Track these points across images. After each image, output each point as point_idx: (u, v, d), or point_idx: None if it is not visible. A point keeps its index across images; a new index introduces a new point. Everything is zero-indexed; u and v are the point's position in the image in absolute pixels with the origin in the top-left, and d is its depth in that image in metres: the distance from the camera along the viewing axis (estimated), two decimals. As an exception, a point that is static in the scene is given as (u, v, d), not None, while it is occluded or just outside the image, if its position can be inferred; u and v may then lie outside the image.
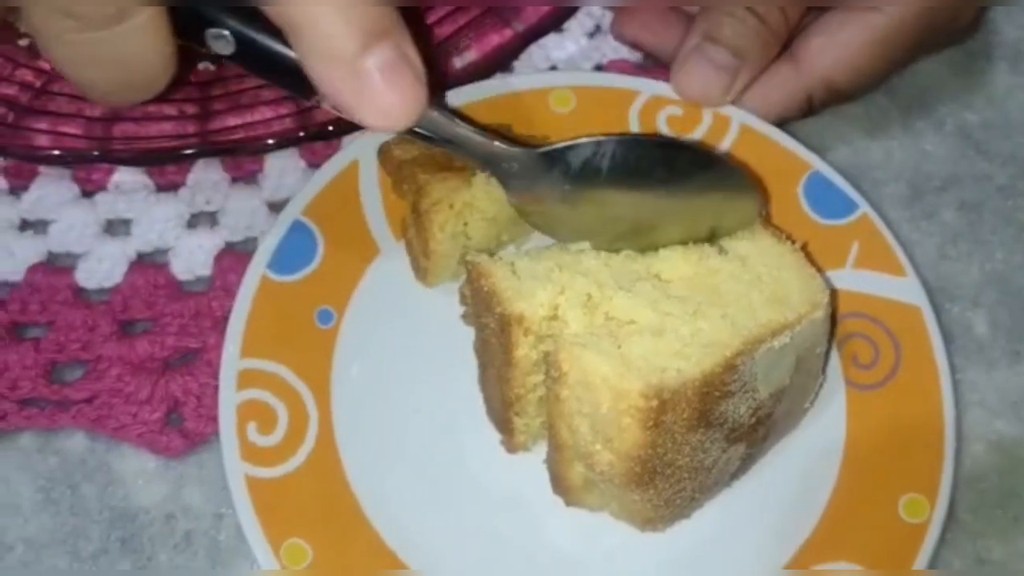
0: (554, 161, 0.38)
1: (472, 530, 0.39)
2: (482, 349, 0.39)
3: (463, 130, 0.37)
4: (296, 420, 0.40)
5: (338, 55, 0.31)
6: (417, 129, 0.36)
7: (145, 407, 0.41)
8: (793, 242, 0.40)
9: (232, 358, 0.40)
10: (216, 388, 0.40)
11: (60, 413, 0.42)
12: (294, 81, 0.34)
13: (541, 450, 0.39)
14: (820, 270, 0.40)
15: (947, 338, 0.44)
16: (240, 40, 0.34)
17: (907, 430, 0.40)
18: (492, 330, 0.37)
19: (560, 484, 0.38)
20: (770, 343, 0.36)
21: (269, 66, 0.34)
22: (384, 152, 0.43)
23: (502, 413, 0.38)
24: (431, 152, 0.41)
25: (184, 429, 0.41)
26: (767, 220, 0.42)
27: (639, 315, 0.36)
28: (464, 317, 0.41)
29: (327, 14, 0.31)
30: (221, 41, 0.34)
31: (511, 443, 0.40)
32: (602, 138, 0.39)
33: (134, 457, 0.41)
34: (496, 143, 0.38)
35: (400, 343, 0.42)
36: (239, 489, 0.38)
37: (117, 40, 0.32)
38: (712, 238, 0.40)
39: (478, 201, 0.40)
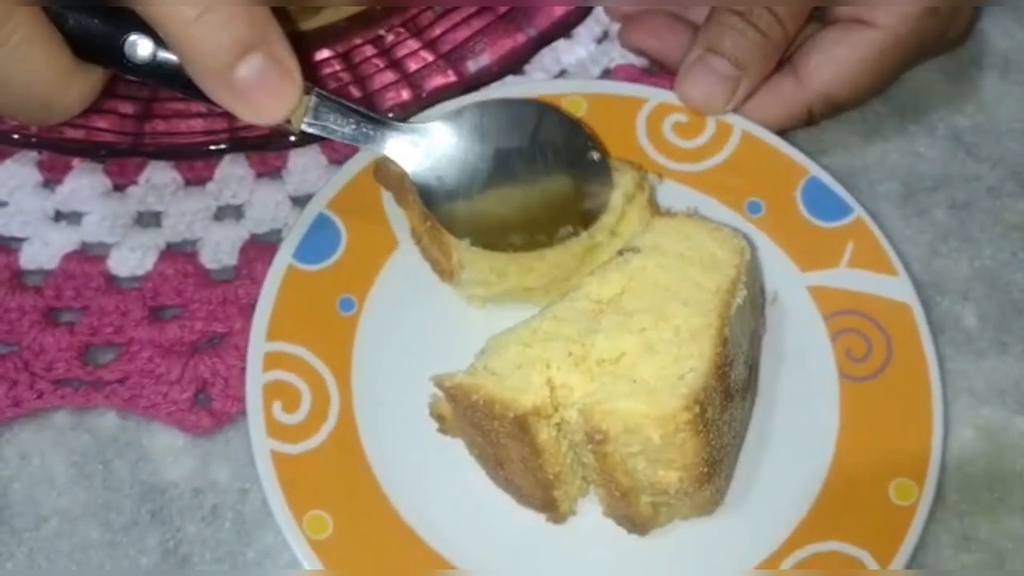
0: (443, 130, 0.41)
1: (484, 504, 0.41)
2: (488, 452, 0.39)
3: (350, 115, 0.40)
4: (319, 400, 0.42)
5: (213, 68, 0.35)
6: (305, 123, 0.39)
7: (175, 387, 0.43)
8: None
9: (259, 340, 0.42)
10: (242, 370, 0.43)
11: (93, 393, 0.44)
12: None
13: (585, 509, 0.40)
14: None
15: (938, 330, 0.46)
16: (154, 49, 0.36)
17: (897, 419, 0.43)
18: (502, 432, 0.37)
19: (634, 522, 0.39)
20: (735, 302, 0.38)
21: (174, 76, 0.37)
22: (379, 170, 0.45)
23: (543, 495, 0.39)
24: None
25: (211, 408, 0.43)
26: (651, 205, 0.44)
27: (624, 345, 0.38)
28: (441, 431, 0.41)
29: (201, 32, 0.34)
30: (138, 47, 0.36)
31: (557, 516, 0.40)
32: (480, 100, 0.43)
33: (164, 434, 0.44)
34: (386, 122, 0.41)
35: (417, 329, 0.44)
36: (265, 463, 0.40)
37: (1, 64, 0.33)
38: (586, 218, 0.42)
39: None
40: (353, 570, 0.38)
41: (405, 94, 0.48)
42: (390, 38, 0.50)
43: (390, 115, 0.48)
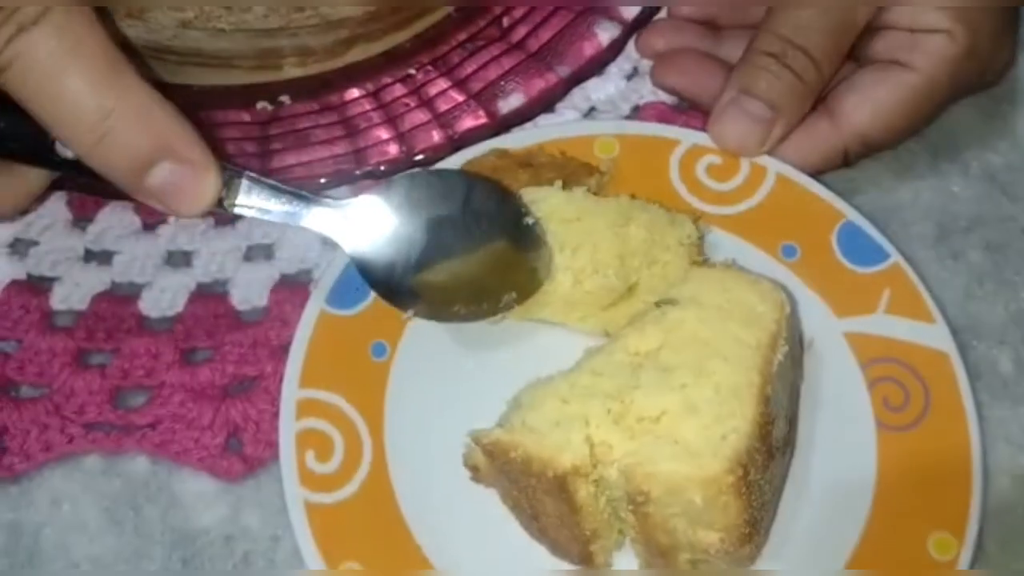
0: (376, 204, 0.41)
1: (517, 556, 0.41)
2: (523, 505, 0.39)
3: (282, 195, 0.40)
4: (351, 448, 0.41)
5: (124, 181, 0.37)
6: (236, 205, 0.39)
7: (206, 432, 0.43)
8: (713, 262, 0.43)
9: (292, 388, 0.42)
10: (273, 414, 0.43)
11: (124, 437, 0.44)
12: None
13: (621, 562, 0.40)
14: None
15: (974, 375, 0.45)
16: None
17: (936, 471, 0.42)
18: (539, 488, 0.37)
19: None
20: (776, 358, 0.38)
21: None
22: None
23: (580, 549, 0.39)
24: None
25: (243, 454, 0.43)
26: (696, 255, 0.43)
27: (665, 403, 0.37)
28: (475, 480, 0.41)
29: (104, 154, 0.35)
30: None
31: (593, 569, 0.39)
32: (409, 173, 0.42)
33: (195, 480, 0.43)
34: (319, 200, 0.40)
35: (450, 374, 0.44)
36: (298, 514, 0.40)
37: None
38: (526, 283, 0.42)
39: None
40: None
41: (436, 135, 0.48)
42: (419, 76, 0.50)
43: (422, 155, 0.48)
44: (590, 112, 0.52)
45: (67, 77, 0.34)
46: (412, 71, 0.50)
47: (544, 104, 0.50)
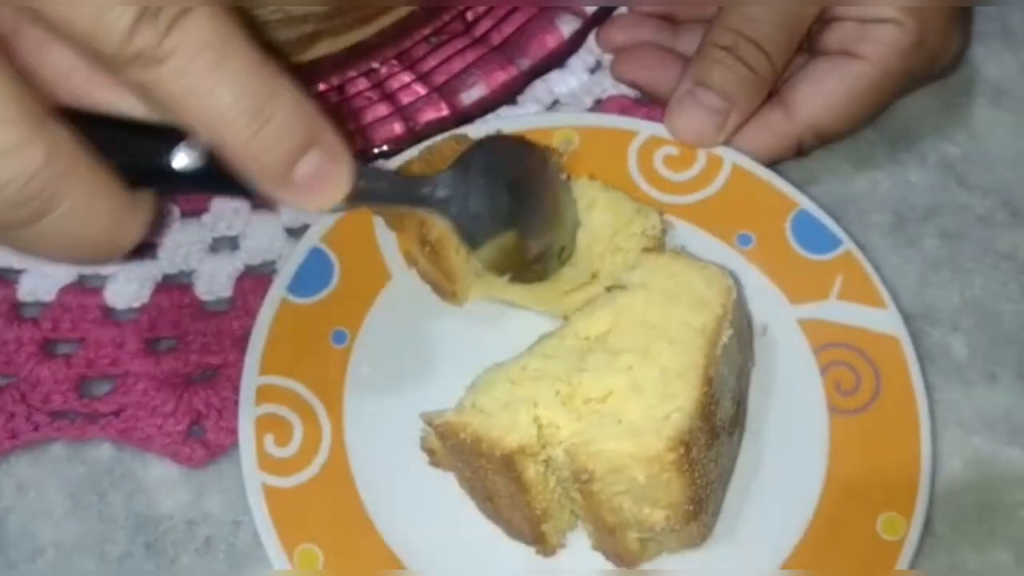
0: (463, 171, 0.41)
1: (473, 537, 0.41)
2: (477, 486, 0.40)
3: (389, 180, 0.39)
4: (310, 433, 0.42)
5: (273, 175, 0.33)
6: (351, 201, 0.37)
7: (169, 420, 0.44)
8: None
9: (252, 375, 0.42)
10: (235, 402, 0.43)
11: (89, 425, 0.44)
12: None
13: (574, 542, 0.41)
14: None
15: (927, 360, 0.46)
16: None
17: (886, 452, 0.43)
18: (490, 469, 0.38)
19: (622, 558, 0.40)
20: (721, 341, 0.38)
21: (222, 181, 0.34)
22: None
23: (531, 529, 0.39)
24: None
25: (205, 440, 0.44)
26: (654, 246, 0.44)
27: (611, 384, 0.38)
28: (432, 464, 0.42)
29: (260, 146, 0.32)
30: (192, 155, 0.33)
31: (546, 549, 0.40)
32: (478, 140, 0.43)
33: (158, 466, 0.44)
34: (417, 179, 0.40)
35: (409, 362, 0.44)
36: (256, 497, 0.40)
37: (51, 228, 0.30)
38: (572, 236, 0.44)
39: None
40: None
41: (398, 127, 0.49)
42: (383, 71, 0.51)
43: (384, 148, 0.49)
44: (553, 105, 0.53)
45: (229, 61, 0.30)
46: (375, 65, 0.51)
47: (506, 96, 0.50)
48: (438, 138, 0.47)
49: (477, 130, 0.48)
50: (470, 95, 0.50)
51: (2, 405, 0.44)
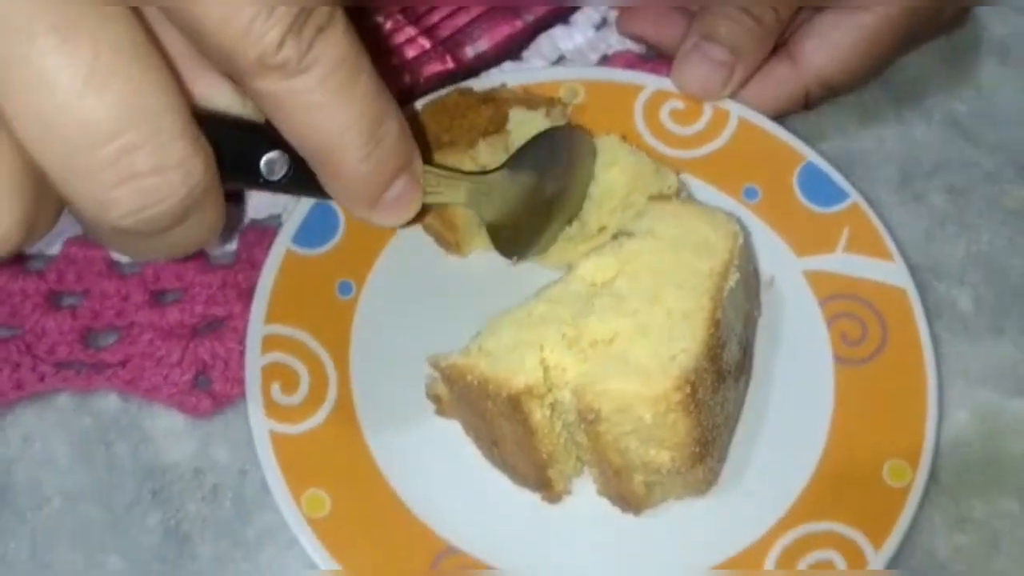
0: (513, 170, 0.42)
1: (479, 483, 0.41)
2: (483, 432, 0.40)
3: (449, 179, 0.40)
4: (317, 382, 0.42)
5: (366, 197, 0.33)
6: None
7: (175, 370, 0.44)
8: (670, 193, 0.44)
9: (258, 323, 0.42)
10: (241, 353, 0.43)
11: (95, 375, 0.44)
12: None
13: (580, 489, 0.41)
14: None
15: (934, 314, 0.46)
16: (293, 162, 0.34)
17: (892, 401, 0.43)
18: (496, 412, 0.38)
19: (627, 501, 0.40)
20: (727, 285, 0.38)
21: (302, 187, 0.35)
22: None
23: (537, 474, 0.40)
24: (425, 132, 0.44)
25: (212, 391, 0.44)
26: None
27: (617, 327, 0.38)
28: (438, 412, 0.42)
29: (366, 170, 0.32)
30: (276, 165, 0.33)
31: (552, 495, 0.41)
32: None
33: (164, 416, 0.44)
34: (473, 177, 0.41)
35: (414, 313, 0.45)
36: (264, 443, 0.40)
37: (181, 234, 0.31)
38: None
39: (487, 162, 0.43)
40: (350, 546, 0.39)
41: (406, 79, 0.49)
42: (388, 25, 0.51)
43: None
44: (559, 61, 0.52)
45: (359, 82, 0.30)
46: (380, 19, 0.51)
47: (511, 49, 0.50)
48: (443, 91, 0.47)
49: (482, 83, 0.48)
50: (475, 48, 0.50)
51: (7, 356, 0.44)
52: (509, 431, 0.38)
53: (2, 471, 0.43)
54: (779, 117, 0.48)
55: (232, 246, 0.47)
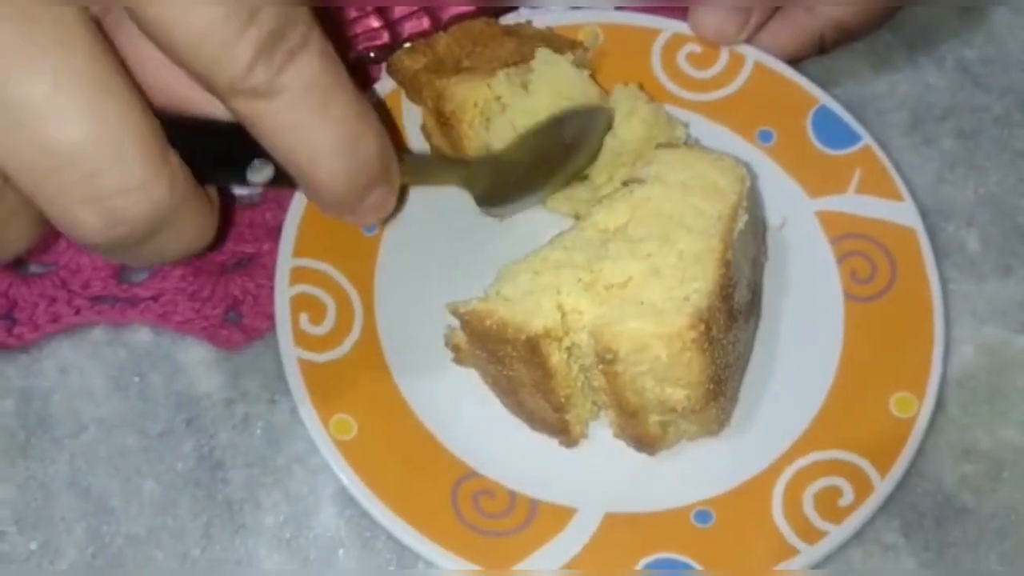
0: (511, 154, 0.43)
1: (502, 430, 0.43)
2: (501, 380, 0.41)
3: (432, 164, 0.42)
4: (343, 313, 0.44)
5: (340, 204, 0.35)
6: None
7: (207, 304, 0.45)
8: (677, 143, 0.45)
9: (286, 256, 0.44)
10: (270, 288, 0.45)
11: (129, 308, 0.46)
12: None
13: (597, 433, 0.42)
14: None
15: (942, 254, 0.47)
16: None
17: (900, 336, 0.44)
18: (515, 357, 0.39)
19: (643, 442, 0.41)
20: (737, 227, 0.39)
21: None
22: (394, 63, 0.46)
23: (555, 419, 0.41)
24: (441, 57, 0.45)
25: (242, 325, 0.45)
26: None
27: (631, 270, 0.39)
28: (456, 361, 0.43)
29: (350, 178, 0.33)
30: (261, 170, 0.34)
31: (569, 439, 0.42)
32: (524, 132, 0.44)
33: (196, 349, 0.46)
34: (463, 161, 0.43)
35: (437, 251, 0.46)
36: (293, 370, 0.42)
37: (161, 245, 0.32)
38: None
39: (503, 94, 0.44)
40: (375, 467, 0.40)
41: (426, 22, 0.50)
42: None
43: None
44: (577, 6, 0.53)
45: (333, 103, 0.31)
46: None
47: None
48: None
49: (506, 19, 0.49)
50: (497, -10, 0.50)
51: (43, 290, 0.46)
52: (527, 375, 0.39)
53: (40, 401, 0.45)
54: (794, 61, 0.49)
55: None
